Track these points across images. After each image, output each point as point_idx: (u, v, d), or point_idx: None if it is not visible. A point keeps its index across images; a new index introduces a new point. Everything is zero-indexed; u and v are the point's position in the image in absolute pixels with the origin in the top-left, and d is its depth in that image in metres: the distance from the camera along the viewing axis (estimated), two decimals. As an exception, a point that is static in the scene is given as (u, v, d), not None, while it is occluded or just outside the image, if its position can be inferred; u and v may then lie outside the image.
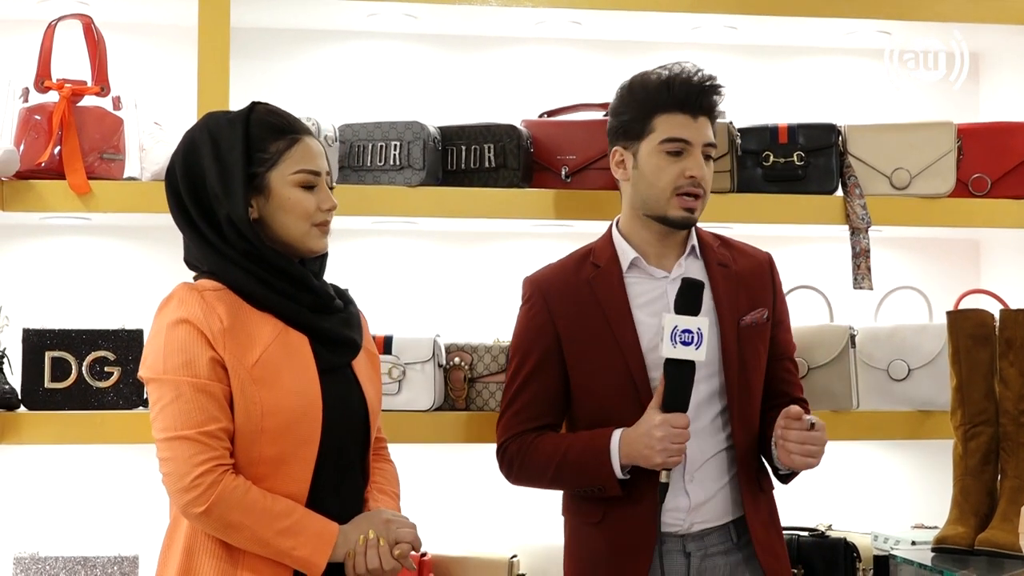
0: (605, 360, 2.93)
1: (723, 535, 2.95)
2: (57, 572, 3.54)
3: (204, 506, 2.38)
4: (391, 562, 2.49)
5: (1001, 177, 3.92)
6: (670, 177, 2.91)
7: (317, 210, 2.57)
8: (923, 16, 3.92)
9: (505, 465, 3.04)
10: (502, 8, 3.79)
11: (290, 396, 2.48)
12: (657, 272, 2.99)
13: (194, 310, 2.46)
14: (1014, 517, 2.98)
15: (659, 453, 2.75)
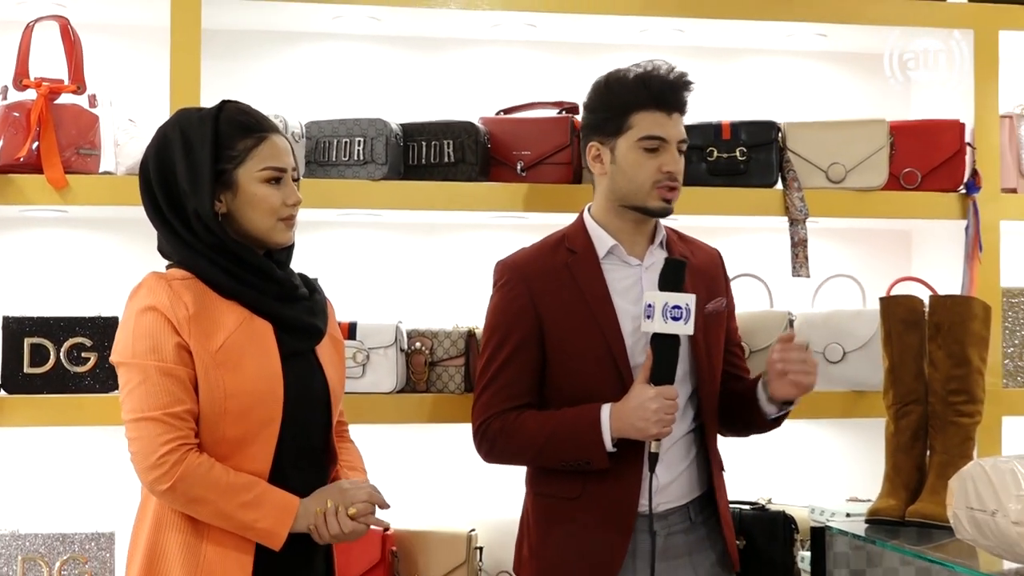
0: (587, 342, 2.93)
1: (683, 515, 2.97)
2: (36, 548, 3.52)
3: (169, 483, 2.41)
4: (349, 525, 2.52)
5: (931, 171, 3.94)
6: (648, 172, 2.92)
7: (282, 205, 2.58)
8: (858, 20, 3.94)
9: (487, 443, 3.00)
10: (461, 11, 3.78)
11: (252, 380, 2.49)
12: (632, 260, 2.99)
13: (161, 298, 2.48)
14: (942, 490, 2.99)
15: (655, 424, 2.76)
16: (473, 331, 3.72)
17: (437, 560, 3.63)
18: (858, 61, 4.38)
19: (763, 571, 3.35)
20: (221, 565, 2.48)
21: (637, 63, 3.01)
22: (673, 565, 2.93)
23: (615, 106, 2.96)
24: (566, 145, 3.77)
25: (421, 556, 3.63)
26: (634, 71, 2.98)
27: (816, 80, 4.35)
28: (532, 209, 3.80)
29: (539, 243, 3.11)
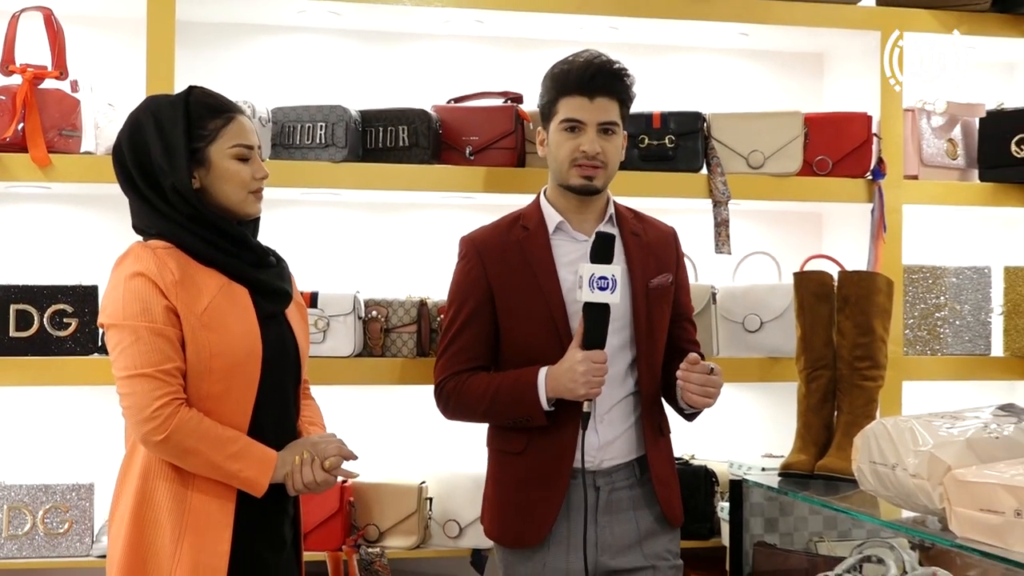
0: (532, 309, 2.93)
1: (628, 472, 2.96)
2: (21, 498, 3.49)
3: (163, 435, 2.40)
4: (322, 475, 2.52)
5: (841, 159, 3.97)
6: (566, 152, 2.92)
7: (252, 179, 2.59)
8: (776, 20, 3.95)
9: (442, 401, 3.02)
10: (415, 7, 3.77)
11: (235, 339, 2.50)
12: (579, 236, 2.98)
13: (148, 265, 2.47)
14: (847, 447, 3.02)
15: (582, 385, 2.77)
16: (425, 301, 3.72)
17: (391, 509, 3.64)
18: (776, 58, 4.40)
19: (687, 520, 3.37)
20: (205, 511, 2.47)
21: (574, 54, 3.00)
22: (617, 519, 2.93)
23: (549, 95, 2.97)
24: (511, 132, 3.77)
25: (376, 506, 3.64)
26: (566, 61, 2.98)
27: (738, 75, 4.37)
28: (479, 190, 3.80)
29: (498, 220, 3.10)
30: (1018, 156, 4.07)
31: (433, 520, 3.70)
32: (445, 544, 3.70)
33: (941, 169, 4.17)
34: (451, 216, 4.12)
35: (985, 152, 4.15)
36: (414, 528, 3.65)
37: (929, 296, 4.10)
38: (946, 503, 2.53)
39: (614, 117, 2.95)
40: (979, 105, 4.23)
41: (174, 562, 2.45)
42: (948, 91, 4.24)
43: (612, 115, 2.94)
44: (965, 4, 4.06)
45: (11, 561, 3.48)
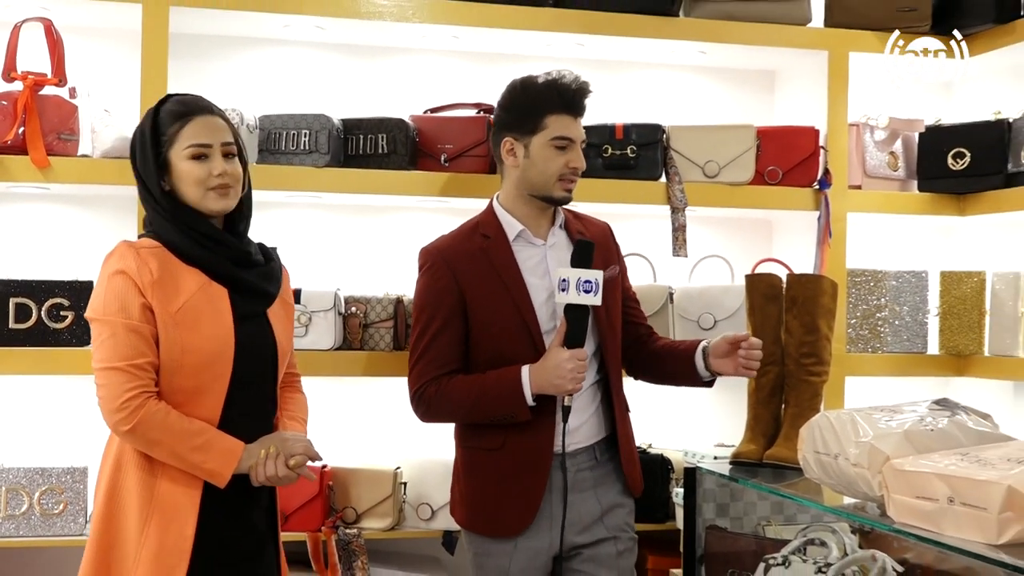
0: (503, 314, 2.93)
1: (589, 454, 2.99)
2: (18, 480, 3.47)
3: (130, 425, 2.41)
4: (284, 471, 2.51)
5: (790, 169, 3.99)
6: (557, 167, 2.93)
7: (209, 176, 2.54)
8: (732, 40, 3.96)
9: (422, 407, 2.99)
10: (394, 23, 3.76)
11: (206, 339, 2.49)
12: (537, 241, 3.00)
13: (130, 264, 2.47)
14: (794, 437, 3.03)
15: (570, 381, 2.80)
16: (401, 298, 3.71)
17: (367, 493, 3.64)
18: (731, 75, 4.41)
19: (643, 504, 3.37)
20: (172, 499, 2.47)
21: (547, 72, 3.02)
22: (581, 497, 2.96)
23: (530, 108, 2.96)
24: (483, 141, 3.77)
25: (354, 489, 3.63)
26: (545, 78, 2.99)
27: (696, 90, 4.38)
28: (453, 195, 3.80)
29: (456, 231, 3.10)
30: (954, 169, 4.10)
31: (407, 503, 3.70)
32: (418, 526, 3.70)
33: (883, 180, 4.19)
34: (427, 219, 4.12)
35: (924, 165, 4.18)
36: (389, 511, 3.64)
37: (870, 298, 4.12)
38: (884, 490, 2.54)
39: (583, 134, 3.02)
40: (918, 121, 4.26)
41: (140, 544, 2.45)
42: (890, 107, 4.28)
43: (582, 132, 3.01)
44: (907, 27, 4.08)
45: (8, 540, 3.46)
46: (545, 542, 2.93)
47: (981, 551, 2.29)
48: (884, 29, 4.07)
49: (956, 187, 4.13)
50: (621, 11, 3.87)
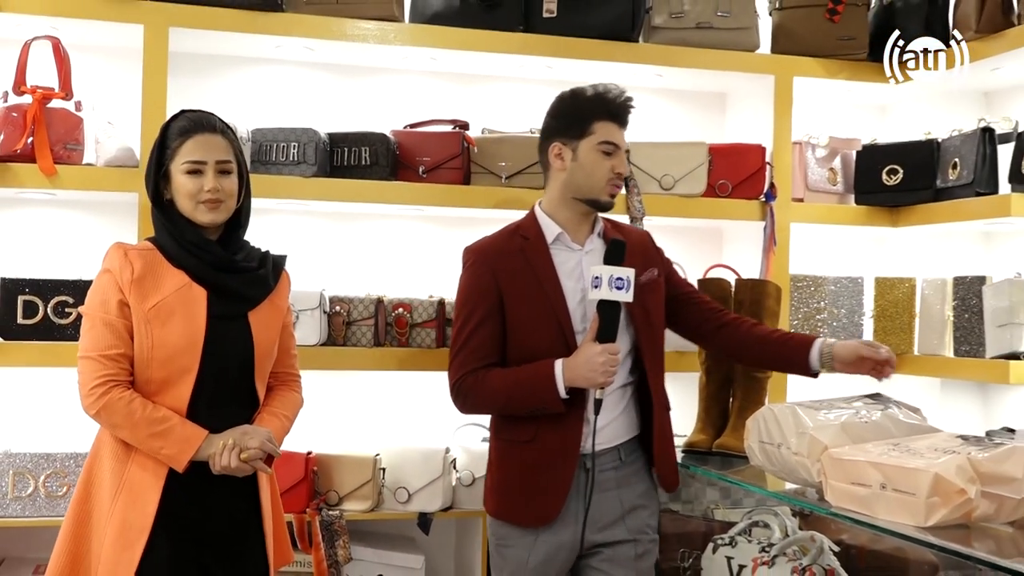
0: (539, 312, 2.84)
1: (614, 455, 2.87)
2: (25, 464, 3.45)
3: (95, 410, 2.52)
4: (236, 463, 2.51)
5: (739, 183, 4.00)
6: (604, 171, 2.87)
7: (200, 191, 2.58)
8: (687, 64, 3.98)
9: (460, 398, 2.89)
10: (377, 45, 3.76)
11: (175, 335, 2.53)
12: (574, 246, 2.91)
13: (114, 263, 2.55)
14: (741, 428, 3.06)
15: (601, 375, 2.70)
16: (381, 298, 3.71)
17: (349, 478, 3.62)
18: (686, 96, 4.42)
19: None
20: (139, 480, 2.52)
21: (593, 85, 2.96)
22: (603, 497, 2.84)
23: (579, 115, 2.90)
24: (458, 154, 3.77)
25: (336, 474, 3.62)
26: (592, 90, 2.93)
27: (654, 110, 4.38)
28: (429, 204, 3.79)
29: (498, 232, 3.01)
30: (888, 184, 4.13)
31: (385, 487, 3.69)
32: (396, 508, 3.69)
33: (823, 194, 4.22)
34: (406, 226, 4.12)
35: (860, 180, 4.21)
36: (369, 494, 3.63)
37: (811, 301, 4.14)
38: (823, 477, 2.56)
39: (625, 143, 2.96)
40: (856, 140, 4.29)
41: (108, 517, 2.51)
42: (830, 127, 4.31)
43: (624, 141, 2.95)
44: (846, 54, 4.11)
45: (15, 519, 3.43)
46: (566, 538, 2.82)
47: (910, 533, 2.31)
48: (825, 56, 4.09)
49: (889, 201, 4.16)
50: (585, 37, 3.88)
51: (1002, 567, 2.11)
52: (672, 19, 3.98)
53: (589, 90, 2.94)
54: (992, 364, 3.73)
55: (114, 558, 2.49)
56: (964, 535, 2.28)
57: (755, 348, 3.02)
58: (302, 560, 3.52)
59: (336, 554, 3.51)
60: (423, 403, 4.02)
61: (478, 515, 3.73)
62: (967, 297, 3.88)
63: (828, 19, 4.08)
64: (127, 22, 3.53)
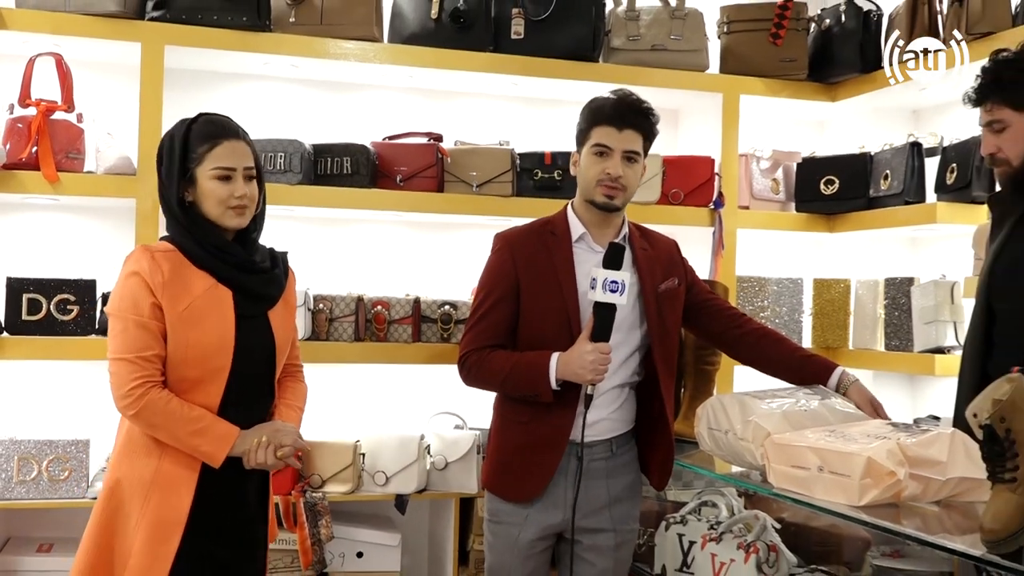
0: (551, 303, 2.76)
1: (605, 447, 2.81)
2: (29, 450, 3.41)
3: (135, 410, 2.36)
4: (273, 459, 2.44)
5: (690, 192, 4.02)
6: (594, 172, 2.75)
7: (230, 196, 2.46)
8: (642, 83, 3.95)
9: (465, 370, 2.82)
10: (358, 63, 3.74)
11: (208, 335, 2.41)
12: (596, 247, 2.78)
13: (143, 266, 2.40)
14: (692, 417, 3.05)
15: (590, 372, 2.62)
16: (361, 297, 3.70)
17: (331, 462, 3.60)
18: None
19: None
20: (174, 477, 2.40)
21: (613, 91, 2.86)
22: (592, 485, 2.79)
23: (585, 122, 2.83)
24: (433, 164, 3.76)
25: (319, 460, 3.60)
26: (601, 98, 2.83)
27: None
28: (406, 210, 3.78)
29: (530, 223, 2.92)
30: (825, 193, 4.16)
31: (365, 471, 3.67)
32: (374, 490, 3.67)
33: (766, 202, 4.24)
34: (384, 230, 4.10)
35: (800, 189, 4.24)
36: (350, 477, 3.62)
37: (756, 300, 4.16)
38: (766, 461, 2.57)
39: (637, 147, 2.77)
40: (796, 153, 4.32)
41: (141, 513, 2.39)
42: (773, 141, 4.33)
43: (635, 145, 2.77)
44: (787, 75, 4.13)
45: (20, 502, 3.40)
46: (555, 519, 2.77)
47: (845, 511, 2.33)
48: (769, 76, 4.12)
49: (827, 209, 4.18)
50: (550, 57, 3.88)
51: (927, 542, 2.13)
52: (629, 41, 3.98)
53: (597, 99, 2.85)
54: (919, 358, 3.76)
55: (150, 552, 2.37)
56: (894, 513, 2.30)
57: (775, 364, 2.94)
58: (287, 538, 3.50)
59: (319, 533, 3.49)
60: (400, 393, 4.01)
61: (450, 497, 3.72)
62: (897, 297, 3.91)
63: (772, 42, 4.10)
64: (126, 40, 3.50)
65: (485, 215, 3.84)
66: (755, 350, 2.96)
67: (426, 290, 3.90)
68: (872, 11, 4.07)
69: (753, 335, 2.96)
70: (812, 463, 2.43)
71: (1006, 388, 2.01)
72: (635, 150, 2.78)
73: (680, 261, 2.98)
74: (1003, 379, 2.03)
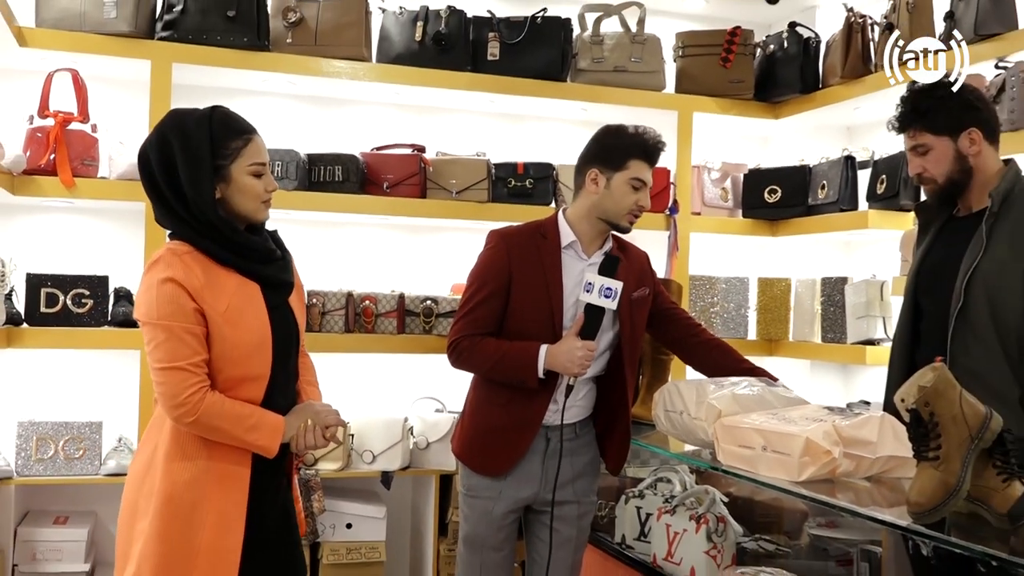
0: (537, 300, 2.73)
1: (571, 430, 2.79)
2: (47, 431, 3.38)
3: (194, 417, 2.13)
4: (322, 440, 2.31)
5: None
6: (630, 203, 2.73)
7: (264, 191, 2.27)
8: (606, 101, 3.99)
9: (455, 354, 2.75)
10: (349, 81, 3.72)
11: (250, 331, 2.21)
12: (583, 256, 2.78)
13: (178, 271, 2.15)
14: (649, 401, 3.06)
15: (577, 366, 2.61)
16: (351, 292, 3.68)
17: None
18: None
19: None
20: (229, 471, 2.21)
21: (634, 125, 2.83)
22: (561, 462, 2.76)
23: (619, 150, 2.76)
24: (416, 173, 3.75)
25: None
26: (633, 130, 2.80)
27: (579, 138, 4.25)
28: (392, 214, 3.77)
29: (522, 225, 2.88)
30: (769, 201, 4.17)
31: (354, 451, 3.66)
32: (361, 468, 3.66)
33: (716, 209, 4.25)
34: (372, 232, 4.08)
35: (746, 198, 4.25)
36: (340, 456, 3.60)
37: (706, 297, 4.18)
38: (715, 440, 2.58)
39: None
40: (743, 165, 4.34)
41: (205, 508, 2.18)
42: (722, 154, 4.34)
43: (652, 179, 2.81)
44: (736, 95, 4.15)
45: (38, 478, 3.38)
46: (525, 493, 2.76)
47: (786, 486, 2.33)
48: (719, 96, 4.13)
49: (770, 215, 4.20)
50: (523, 76, 3.87)
51: (860, 514, 2.14)
52: (594, 63, 3.98)
53: (631, 129, 2.81)
54: (852, 349, 3.78)
55: (217, 545, 2.18)
56: (829, 488, 2.30)
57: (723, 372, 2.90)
58: (283, 511, 3.47)
59: (312, 506, 3.47)
60: (386, 380, 4.00)
61: (431, 473, 3.71)
62: (832, 294, 3.94)
63: (722, 65, 4.11)
64: (137, 58, 3.47)
65: (463, 219, 3.83)
66: (707, 358, 2.97)
67: (410, 287, 3.88)
68: (811, 38, 4.09)
69: (706, 345, 2.98)
70: (757, 443, 2.43)
71: (930, 376, 2.02)
72: (652, 184, 2.81)
73: (651, 272, 2.97)
74: (927, 368, 2.04)
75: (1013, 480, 1.99)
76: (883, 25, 3.65)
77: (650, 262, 2.98)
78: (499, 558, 2.81)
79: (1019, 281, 2.42)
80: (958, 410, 2.00)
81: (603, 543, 3.18)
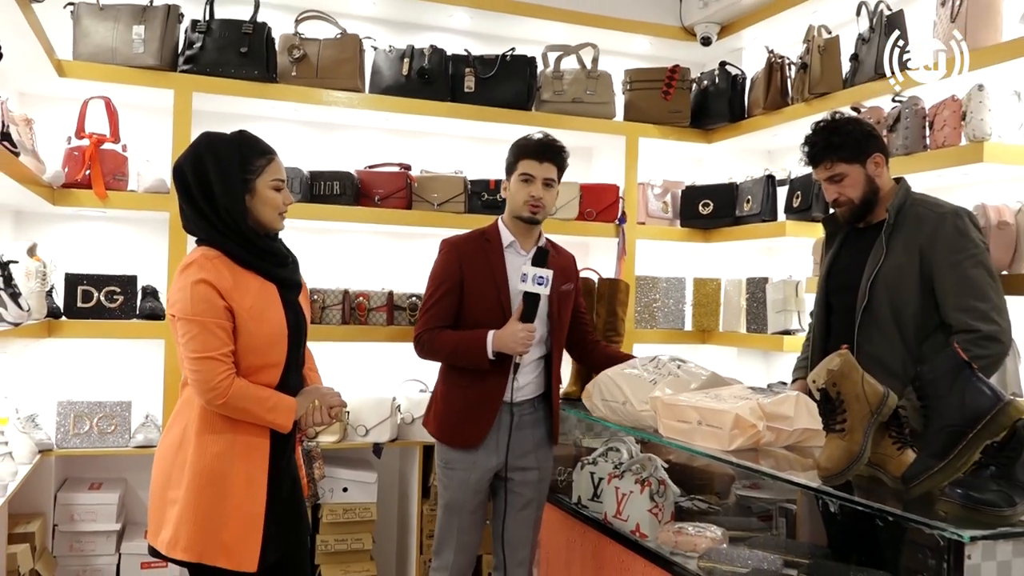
0: (487, 294, 2.77)
1: (530, 405, 2.83)
2: (82, 410, 3.34)
3: (224, 400, 2.15)
4: (328, 418, 2.34)
5: (600, 211, 4.03)
6: (522, 195, 2.79)
7: (283, 204, 2.30)
8: (566, 127, 3.95)
9: (420, 346, 2.81)
10: (346, 108, 3.69)
11: (271, 326, 2.23)
12: (522, 252, 2.83)
13: (210, 273, 2.17)
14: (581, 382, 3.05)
15: (520, 345, 2.67)
16: (347, 290, 3.65)
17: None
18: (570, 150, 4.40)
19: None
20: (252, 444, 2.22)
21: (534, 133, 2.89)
22: (522, 435, 2.81)
23: (512, 154, 2.85)
24: (403, 188, 3.73)
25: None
26: (526, 139, 2.86)
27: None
28: (382, 223, 3.73)
29: (469, 232, 2.92)
30: (703, 213, 4.19)
31: (349, 425, 3.64)
32: (356, 440, 3.64)
33: (659, 219, 4.27)
34: (365, 238, 4.06)
35: (683, 210, 4.26)
36: (337, 429, 3.58)
37: (650, 294, 4.19)
38: (657, 416, 2.59)
39: (553, 176, 2.83)
40: (680, 182, 4.35)
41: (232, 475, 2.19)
42: (663, 173, 4.35)
43: (552, 174, 2.82)
44: (675, 123, 4.16)
45: (75, 450, 3.34)
46: (493, 462, 2.78)
47: (718, 454, 2.35)
48: (660, 123, 4.14)
49: (703, 225, 4.22)
50: (494, 106, 3.86)
51: (779, 477, 2.16)
52: (555, 95, 3.98)
53: (523, 139, 2.87)
54: (772, 338, 3.81)
55: (245, 507, 2.19)
56: (754, 456, 2.32)
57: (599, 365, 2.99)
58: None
59: (313, 473, 3.45)
60: (377, 365, 3.98)
61: (415, 445, 3.70)
62: (755, 292, 3.96)
63: (663, 98, 4.12)
64: (162, 88, 3.43)
65: (444, 227, 3.81)
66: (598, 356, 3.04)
67: (398, 285, 3.87)
68: (738, 75, 4.12)
69: (598, 345, 3.07)
70: (693, 418, 2.45)
71: (837, 361, 2.04)
72: (551, 178, 2.82)
73: (576, 272, 3.01)
74: (835, 354, 2.07)
75: (906, 448, 2.02)
76: (799, 64, 3.69)
77: (575, 263, 3.02)
78: (474, 519, 2.82)
79: (914, 281, 2.46)
80: (860, 390, 2.02)
81: (562, 503, 3.19)
